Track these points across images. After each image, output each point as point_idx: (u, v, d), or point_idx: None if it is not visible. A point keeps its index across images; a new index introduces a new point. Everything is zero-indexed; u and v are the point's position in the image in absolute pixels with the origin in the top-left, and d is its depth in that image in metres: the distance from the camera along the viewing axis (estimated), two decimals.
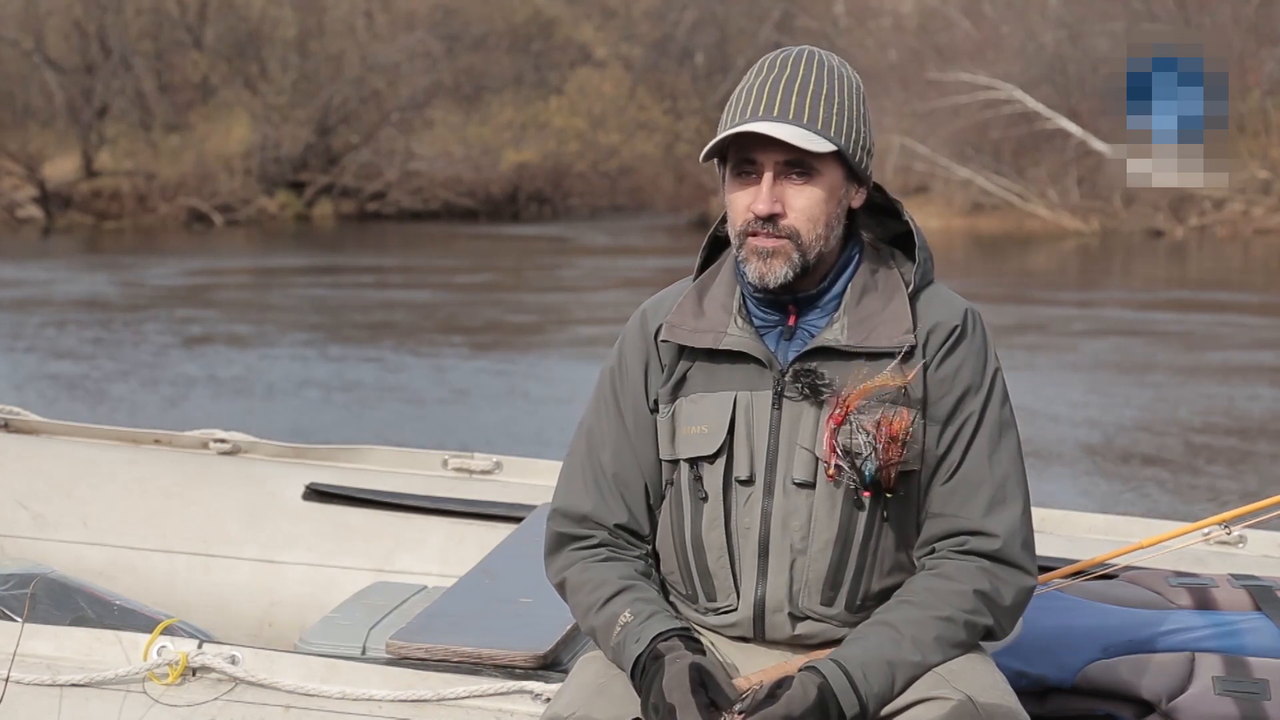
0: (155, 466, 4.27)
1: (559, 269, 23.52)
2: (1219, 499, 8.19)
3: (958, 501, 2.48)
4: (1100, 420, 10.67)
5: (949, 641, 2.43)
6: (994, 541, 2.47)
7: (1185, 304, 18.05)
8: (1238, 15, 29.10)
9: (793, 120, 2.42)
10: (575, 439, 2.65)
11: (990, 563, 2.47)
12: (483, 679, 2.92)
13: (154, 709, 2.98)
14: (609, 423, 2.59)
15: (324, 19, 39.55)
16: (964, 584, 2.45)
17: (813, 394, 2.47)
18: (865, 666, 2.37)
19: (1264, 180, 28.86)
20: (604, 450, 2.58)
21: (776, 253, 2.45)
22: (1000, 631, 2.50)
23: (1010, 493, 2.50)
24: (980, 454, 2.49)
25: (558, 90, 40.39)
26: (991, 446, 2.49)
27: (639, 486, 2.57)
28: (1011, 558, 2.48)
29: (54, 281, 21.30)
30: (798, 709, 2.30)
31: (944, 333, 2.50)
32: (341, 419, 10.79)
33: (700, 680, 2.33)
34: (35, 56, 37.30)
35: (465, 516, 4.08)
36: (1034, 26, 32.45)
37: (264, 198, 36.46)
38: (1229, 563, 3.60)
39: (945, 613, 2.43)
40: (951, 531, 2.49)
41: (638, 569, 2.55)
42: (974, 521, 2.47)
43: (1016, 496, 2.50)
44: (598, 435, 2.60)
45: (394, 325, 16.21)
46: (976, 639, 2.48)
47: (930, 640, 2.41)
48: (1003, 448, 2.50)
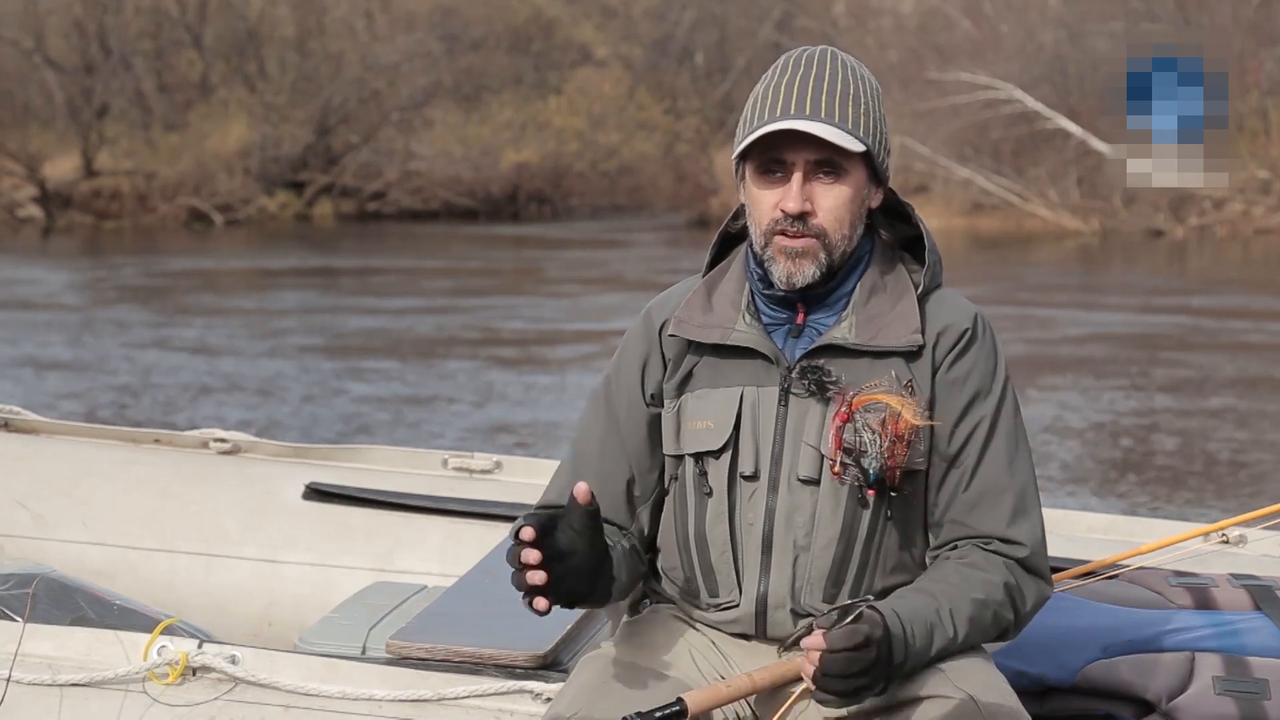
0: (155, 466, 4.27)
1: (559, 269, 23.51)
2: (1219, 499, 8.19)
3: (981, 510, 2.48)
4: (1100, 421, 10.67)
5: (979, 624, 2.43)
6: (1022, 549, 2.48)
7: (1185, 305, 18.04)
8: (1238, 15, 29.10)
9: (825, 119, 2.43)
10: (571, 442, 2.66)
11: (1017, 566, 2.48)
12: (483, 679, 2.92)
13: (154, 709, 2.97)
14: (597, 419, 2.61)
15: (323, 19, 39.55)
16: (994, 576, 2.46)
17: (819, 391, 2.47)
18: (913, 623, 2.36)
19: (1264, 180, 28.86)
20: (589, 445, 2.59)
21: (806, 253, 2.46)
22: (1013, 633, 2.51)
23: (1030, 502, 2.51)
24: (999, 462, 2.49)
25: (557, 90, 40.39)
26: (1010, 454, 2.50)
27: (621, 480, 2.58)
28: (1036, 566, 2.49)
29: (54, 281, 21.30)
30: (876, 634, 2.30)
31: (954, 335, 2.51)
32: (341, 420, 10.79)
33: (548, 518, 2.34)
34: (35, 56, 37.30)
35: (465, 516, 4.07)
36: (1034, 26, 32.45)
37: (264, 197, 36.47)
38: (1229, 563, 3.60)
39: (979, 595, 2.43)
40: (976, 535, 2.49)
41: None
42: (1000, 530, 2.48)
43: (1036, 505, 2.52)
44: (585, 433, 2.62)
45: (394, 325, 16.21)
46: (995, 633, 2.48)
47: (964, 618, 2.42)
48: (1020, 455, 2.51)
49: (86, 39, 37.62)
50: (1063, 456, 9.37)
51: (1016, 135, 31.20)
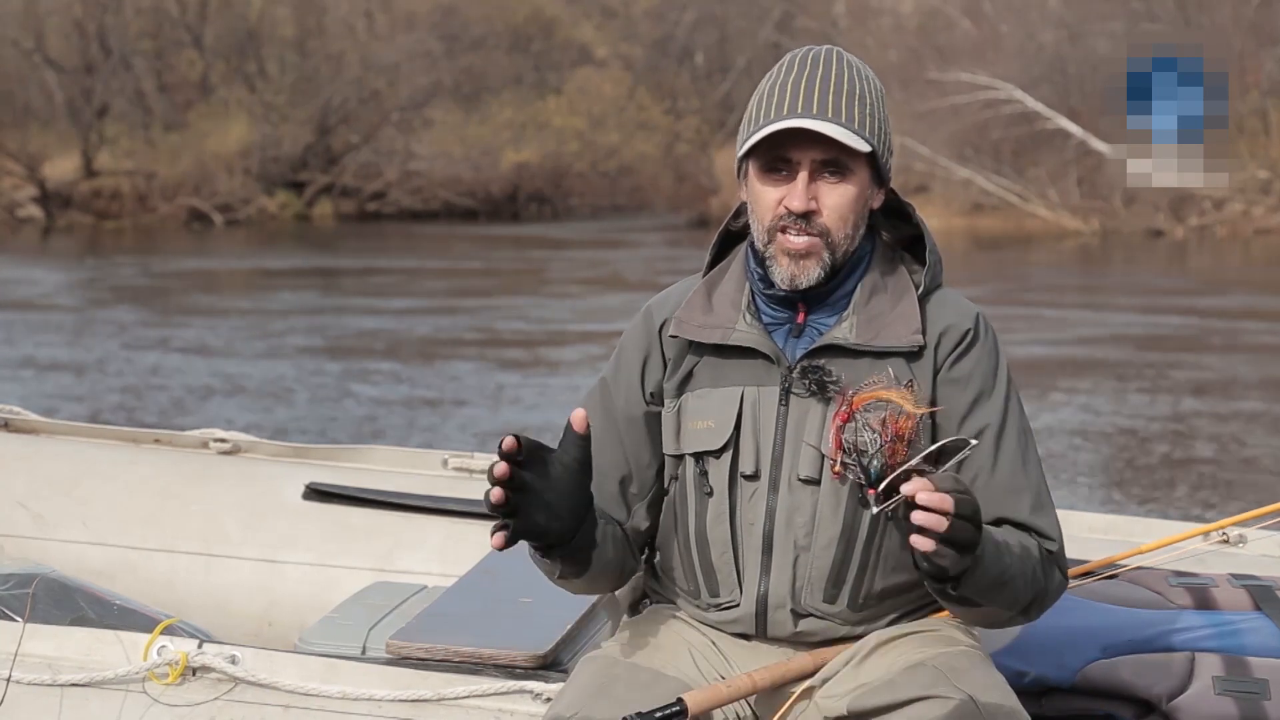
0: (155, 466, 4.27)
1: (561, 270, 23.51)
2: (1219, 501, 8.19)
3: (1002, 505, 2.46)
4: (1099, 422, 10.67)
5: (1025, 570, 2.39)
6: (1051, 543, 2.47)
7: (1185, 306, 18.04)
8: (1238, 15, 29.11)
9: (832, 118, 2.42)
10: None
11: (1045, 552, 2.47)
12: (483, 679, 2.92)
13: (154, 709, 2.97)
14: (593, 415, 2.58)
15: (323, 19, 39.56)
16: (1034, 549, 2.44)
17: (820, 391, 2.47)
18: (991, 536, 2.33)
19: (1264, 180, 28.87)
20: None
21: (810, 253, 2.46)
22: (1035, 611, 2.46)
23: (1047, 499, 2.50)
24: (1013, 461, 2.48)
25: (557, 90, 40.41)
26: (1023, 453, 2.49)
27: (616, 475, 2.57)
28: (1061, 561, 2.48)
29: (54, 282, 21.30)
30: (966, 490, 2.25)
31: (956, 335, 2.50)
32: (341, 420, 10.79)
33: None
34: (35, 56, 37.32)
35: (465, 516, 4.07)
36: (1034, 26, 32.46)
37: (264, 197, 36.49)
38: (1229, 563, 3.60)
39: (1027, 544, 2.42)
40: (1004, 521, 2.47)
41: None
42: (1024, 520, 2.47)
43: (1051, 502, 2.51)
44: None
45: (397, 327, 16.21)
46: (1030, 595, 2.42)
47: (1016, 555, 2.37)
48: (1031, 454, 2.50)
49: (86, 39, 37.63)
50: (1060, 458, 9.36)
51: (1016, 135, 31.22)
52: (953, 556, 2.23)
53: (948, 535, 2.20)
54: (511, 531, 2.32)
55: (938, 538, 2.19)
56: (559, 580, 2.52)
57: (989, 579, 2.32)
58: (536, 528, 2.35)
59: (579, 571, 2.48)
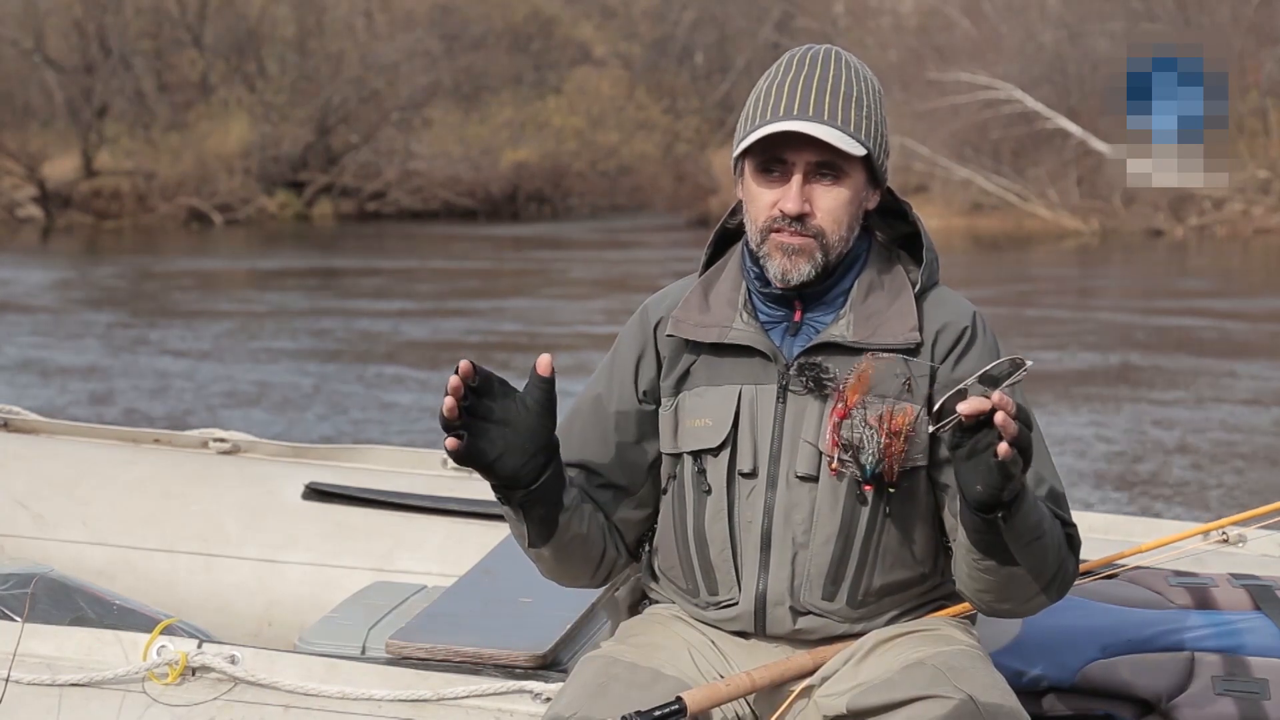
0: (155, 466, 4.27)
1: (561, 270, 23.51)
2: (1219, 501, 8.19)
3: None
4: (1097, 422, 10.67)
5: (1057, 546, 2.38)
6: (1071, 527, 2.46)
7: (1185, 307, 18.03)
8: (1238, 15, 29.11)
9: (827, 121, 2.42)
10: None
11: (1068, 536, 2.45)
12: (483, 679, 2.92)
13: (154, 709, 2.97)
14: (582, 407, 2.61)
15: (323, 19, 39.57)
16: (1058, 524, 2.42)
17: (817, 388, 2.47)
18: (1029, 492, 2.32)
19: (1264, 180, 28.87)
20: (570, 440, 2.57)
21: (802, 250, 2.46)
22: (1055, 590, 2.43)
23: (1062, 493, 2.49)
24: None
25: (557, 90, 40.43)
26: (1036, 448, 2.46)
27: (603, 471, 2.56)
28: (1076, 548, 2.46)
29: (54, 280, 21.30)
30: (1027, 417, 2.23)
31: (954, 333, 2.51)
32: (340, 420, 10.78)
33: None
34: (35, 56, 37.32)
35: (465, 516, 4.07)
36: (1034, 26, 32.46)
37: (264, 197, 36.50)
38: (1229, 563, 3.60)
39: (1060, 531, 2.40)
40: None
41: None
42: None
43: (1065, 497, 2.50)
44: (570, 420, 2.61)
45: (393, 326, 16.20)
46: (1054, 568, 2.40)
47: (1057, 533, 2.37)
48: (1042, 449, 2.48)
49: (86, 39, 37.64)
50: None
51: (1016, 135, 31.22)
52: (1021, 465, 2.21)
53: (1017, 438, 2.18)
54: (466, 444, 2.34)
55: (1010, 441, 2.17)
56: (530, 551, 2.51)
57: (1030, 523, 2.31)
58: (493, 450, 2.37)
59: (546, 534, 2.47)
